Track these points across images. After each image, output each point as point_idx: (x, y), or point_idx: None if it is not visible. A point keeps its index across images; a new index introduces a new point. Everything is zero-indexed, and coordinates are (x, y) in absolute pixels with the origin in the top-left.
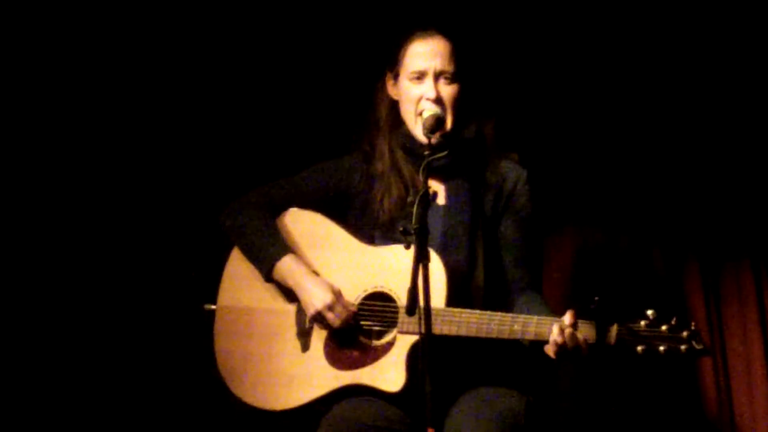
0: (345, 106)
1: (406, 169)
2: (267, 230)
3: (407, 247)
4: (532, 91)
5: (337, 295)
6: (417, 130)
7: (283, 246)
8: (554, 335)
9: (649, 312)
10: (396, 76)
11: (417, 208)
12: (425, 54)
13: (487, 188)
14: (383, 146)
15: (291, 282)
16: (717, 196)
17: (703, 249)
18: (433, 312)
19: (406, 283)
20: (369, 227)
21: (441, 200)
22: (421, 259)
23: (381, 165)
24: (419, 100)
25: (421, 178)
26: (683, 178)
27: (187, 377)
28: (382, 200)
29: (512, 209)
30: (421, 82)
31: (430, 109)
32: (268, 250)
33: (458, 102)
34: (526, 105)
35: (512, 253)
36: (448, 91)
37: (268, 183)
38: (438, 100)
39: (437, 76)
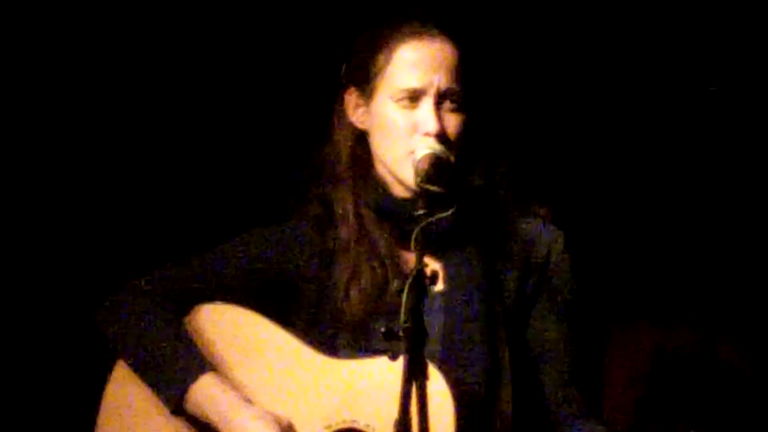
0: (282, 138)
1: (383, 240)
2: (173, 337)
3: (393, 357)
4: (575, 119)
5: None
6: (404, 175)
7: (198, 361)
8: None
9: None
10: (369, 96)
11: (407, 298)
12: (422, 63)
13: (507, 261)
14: (346, 205)
15: (214, 416)
16: None
17: None
18: None
19: (390, 414)
20: (329, 331)
21: (439, 285)
22: (416, 376)
23: (344, 234)
24: (412, 133)
25: (411, 251)
26: None
27: None
28: (348, 289)
29: (548, 291)
30: (415, 106)
31: (429, 148)
32: (174, 367)
33: (467, 136)
34: (563, 137)
35: (556, 360)
36: (455, 120)
37: (170, 263)
38: (441, 135)
39: (440, 99)
